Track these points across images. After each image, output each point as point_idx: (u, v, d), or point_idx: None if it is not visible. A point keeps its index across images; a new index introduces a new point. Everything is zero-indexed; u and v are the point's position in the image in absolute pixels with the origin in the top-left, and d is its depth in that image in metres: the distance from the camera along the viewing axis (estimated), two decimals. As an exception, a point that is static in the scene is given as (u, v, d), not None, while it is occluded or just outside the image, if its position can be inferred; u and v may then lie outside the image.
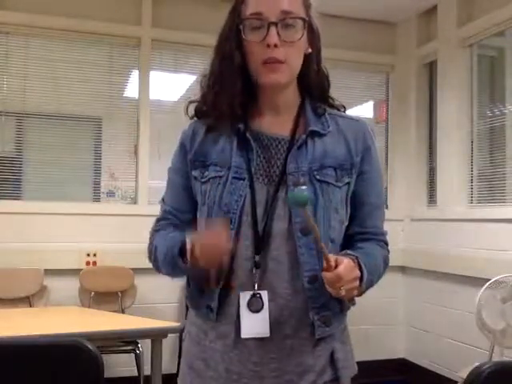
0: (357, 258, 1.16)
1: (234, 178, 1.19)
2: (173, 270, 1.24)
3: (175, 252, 1.18)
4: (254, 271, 1.17)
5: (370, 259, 1.22)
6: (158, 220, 1.33)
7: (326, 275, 1.07)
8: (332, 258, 1.08)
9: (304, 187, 1.14)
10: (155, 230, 1.32)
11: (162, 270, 1.28)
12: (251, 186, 1.19)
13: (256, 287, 1.17)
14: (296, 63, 1.21)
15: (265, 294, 1.17)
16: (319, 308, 1.19)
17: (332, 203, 1.20)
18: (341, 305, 1.24)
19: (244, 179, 1.19)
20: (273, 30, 1.15)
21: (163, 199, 1.34)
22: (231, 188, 1.19)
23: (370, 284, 1.21)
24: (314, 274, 1.16)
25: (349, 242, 1.27)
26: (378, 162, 1.30)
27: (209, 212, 1.21)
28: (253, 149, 1.21)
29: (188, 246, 1.11)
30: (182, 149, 1.29)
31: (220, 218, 1.17)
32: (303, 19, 1.19)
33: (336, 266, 1.07)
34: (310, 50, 1.23)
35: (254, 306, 1.17)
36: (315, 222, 1.13)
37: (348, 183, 1.23)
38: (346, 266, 1.08)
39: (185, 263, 1.16)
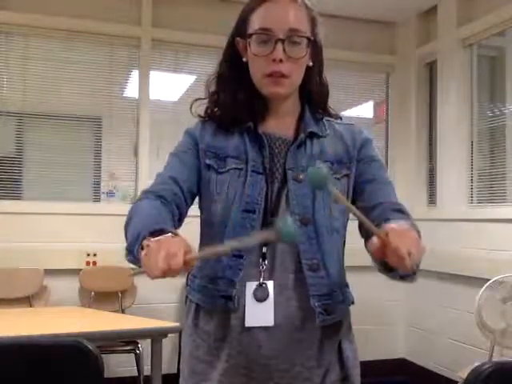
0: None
1: (252, 171, 1.24)
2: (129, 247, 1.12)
3: (138, 240, 1.06)
4: (260, 262, 1.20)
5: (406, 215, 1.18)
6: (148, 190, 1.24)
7: (389, 249, 0.97)
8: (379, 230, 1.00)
9: (321, 166, 1.08)
10: (140, 199, 1.22)
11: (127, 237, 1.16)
12: (266, 181, 1.24)
13: (262, 278, 1.20)
14: (298, 78, 1.27)
15: (270, 284, 1.20)
16: (320, 296, 1.21)
17: (331, 195, 1.22)
18: (343, 295, 1.27)
19: (261, 173, 1.24)
20: (279, 45, 1.21)
21: (158, 174, 1.28)
22: (252, 181, 1.23)
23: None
24: (315, 263, 1.20)
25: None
26: (378, 153, 1.34)
27: (228, 202, 1.23)
28: (265, 145, 1.26)
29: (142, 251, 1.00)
30: (192, 137, 1.31)
31: (241, 211, 1.20)
32: (308, 38, 1.24)
33: (387, 236, 0.98)
34: (311, 64, 1.29)
35: (260, 295, 1.20)
36: (314, 212, 1.21)
37: (347, 175, 1.28)
38: (397, 228, 1.00)
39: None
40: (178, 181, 1.25)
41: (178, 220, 1.22)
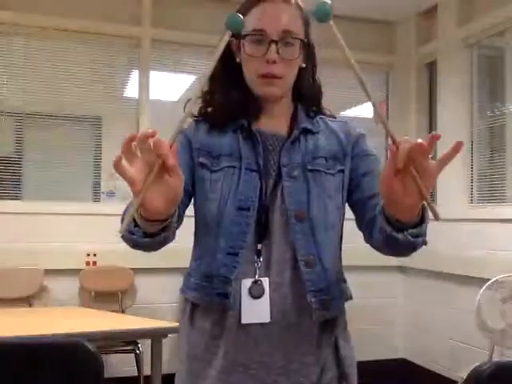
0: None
1: (246, 169, 1.24)
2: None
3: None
4: (255, 259, 1.21)
5: None
6: None
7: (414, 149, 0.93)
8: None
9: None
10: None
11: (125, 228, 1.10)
12: (261, 178, 1.24)
13: (258, 275, 1.20)
14: (291, 78, 1.28)
15: (266, 281, 1.20)
16: (317, 291, 1.21)
17: (325, 190, 1.25)
18: (340, 290, 1.26)
19: (255, 171, 1.24)
20: (273, 47, 1.20)
21: None
22: (246, 178, 1.23)
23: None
24: (311, 258, 1.21)
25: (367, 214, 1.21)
26: (371, 148, 1.33)
27: (222, 200, 1.23)
28: (259, 142, 1.26)
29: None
30: (185, 136, 1.30)
31: (235, 209, 1.20)
32: (302, 40, 1.25)
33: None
34: (304, 65, 1.29)
35: (255, 292, 1.20)
36: (310, 208, 1.21)
37: (342, 170, 1.28)
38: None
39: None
40: None
41: (177, 220, 1.22)
